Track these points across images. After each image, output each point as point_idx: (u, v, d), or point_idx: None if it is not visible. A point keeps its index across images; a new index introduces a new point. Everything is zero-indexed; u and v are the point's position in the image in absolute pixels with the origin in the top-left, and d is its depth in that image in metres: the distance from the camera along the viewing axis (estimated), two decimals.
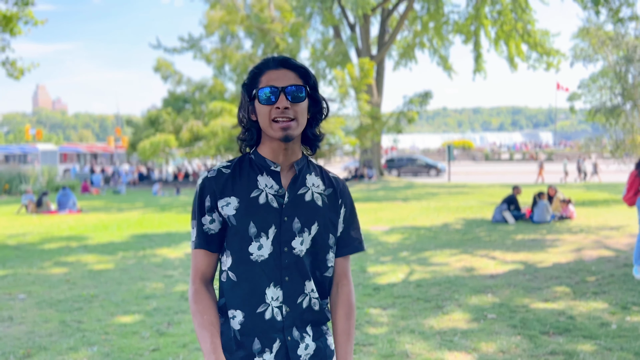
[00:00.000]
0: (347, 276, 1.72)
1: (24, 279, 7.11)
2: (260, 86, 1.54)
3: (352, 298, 1.70)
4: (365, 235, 10.20)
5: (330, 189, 1.67)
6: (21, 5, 11.83)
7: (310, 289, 1.61)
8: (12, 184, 24.89)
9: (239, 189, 1.58)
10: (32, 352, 4.36)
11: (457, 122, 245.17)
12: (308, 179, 1.64)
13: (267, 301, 1.56)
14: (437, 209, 14.58)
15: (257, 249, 1.55)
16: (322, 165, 1.74)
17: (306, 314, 1.61)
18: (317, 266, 1.63)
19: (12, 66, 12.49)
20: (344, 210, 1.69)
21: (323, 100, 1.64)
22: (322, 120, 1.66)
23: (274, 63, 1.57)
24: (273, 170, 1.60)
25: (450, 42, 34.30)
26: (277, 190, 1.58)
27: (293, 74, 1.56)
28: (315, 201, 1.62)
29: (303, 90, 1.55)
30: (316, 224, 1.60)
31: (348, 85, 19.01)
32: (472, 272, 7.00)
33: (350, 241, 1.71)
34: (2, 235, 11.26)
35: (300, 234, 1.58)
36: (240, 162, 1.63)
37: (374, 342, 4.45)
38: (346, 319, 1.67)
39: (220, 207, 1.57)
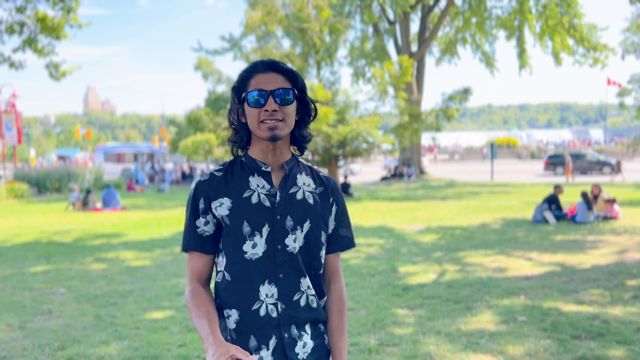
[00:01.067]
0: (338, 273, 1.75)
1: (65, 274, 7.39)
2: (249, 89, 1.58)
3: (343, 295, 1.74)
4: (399, 235, 10.14)
5: (321, 187, 1.70)
6: (65, 12, 12.27)
7: (307, 286, 1.63)
8: (61, 182, 25.84)
9: (232, 190, 1.62)
10: (66, 345, 4.53)
11: (502, 119, 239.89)
12: (299, 178, 1.68)
13: (261, 298, 1.58)
14: (476, 209, 14.32)
15: (252, 248, 1.58)
16: (312, 166, 1.78)
17: (305, 312, 1.63)
18: (311, 263, 1.65)
19: (55, 69, 12.97)
20: (335, 208, 1.72)
21: (311, 102, 1.67)
22: (310, 122, 1.69)
23: (263, 67, 1.60)
24: (264, 170, 1.63)
25: (494, 38, 33.60)
26: (268, 189, 1.62)
27: (281, 77, 1.59)
28: (307, 199, 1.65)
29: (291, 93, 1.58)
30: (308, 222, 1.63)
31: (387, 83, 18.86)
32: (505, 273, 6.85)
33: (340, 238, 1.74)
34: (49, 232, 11.73)
35: (293, 231, 1.61)
36: (231, 165, 1.68)
37: (398, 342, 4.42)
38: (339, 315, 1.70)
39: (214, 208, 1.61)
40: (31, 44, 12.54)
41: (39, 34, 12.44)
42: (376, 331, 4.71)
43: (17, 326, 5.09)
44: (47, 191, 25.35)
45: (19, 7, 12.29)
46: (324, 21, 22.41)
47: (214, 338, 1.46)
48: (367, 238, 9.89)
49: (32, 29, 12.49)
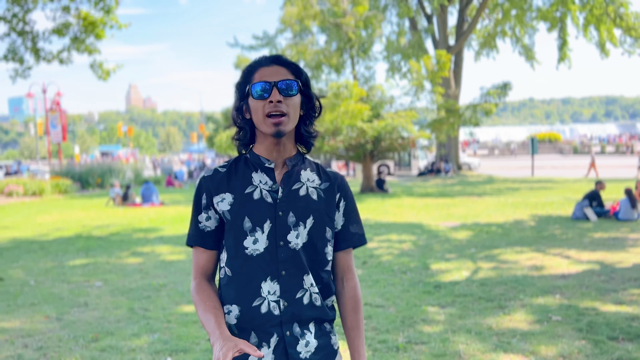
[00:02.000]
0: (351, 270, 1.71)
1: (102, 268, 7.58)
2: (253, 82, 1.58)
3: (358, 292, 1.70)
4: (432, 232, 10.01)
5: (326, 183, 1.67)
6: (105, 12, 12.57)
7: (310, 284, 1.60)
8: (103, 178, 26.57)
9: (234, 185, 1.61)
10: (99, 337, 4.64)
11: (544, 113, 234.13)
12: (302, 174, 1.65)
13: (262, 295, 1.56)
14: (514, 205, 14.01)
15: (252, 243, 1.57)
16: (318, 162, 1.74)
17: (308, 310, 1.59)
18: (315, 260, 1.62)
19: (99, 68, 13.32)
20: (343, 204, 1.69)
21: (316, 98, 1.65)
22: (316, 118, 1.67)
23: (267, 60, 1.60)
24: (267, 167, 1.62)
25: (535, 30, 32.74)
26: (271, 186, 1.60)
27: (285, 70, 1.58)
28: (310, 195, 1.63)
29: (295, 85, 1.57)
30: (311, 218, 1.60)
31: (423, 77, 18.59)
32: (541, 271, 6.67)
33: (350, 235, 1.70)
34: (90, 226, 12.07)
35: (295, 227, 1.58)
36: (236, 161, 1.67)
37: (427, 340, 4.36)
38: (354, 313, 1.67)
39: (216, 203, 1.61)
40: (81, 42, 12.88)
41: (82, 33, 12.77)
42: (405, 329, 4.66)
43: (54, 317, 5.25)
44: (89, 186, 26.11)
45: (64, 7, 12.64)
46: (360, 16, 22.25)
47: (220, 332, 1.44)
48: (399, 234, 9.80)
49: (76, 29, 12.83)
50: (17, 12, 12.47)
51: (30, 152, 77.28)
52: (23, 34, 12.72)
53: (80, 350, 4.34)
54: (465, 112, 19.38)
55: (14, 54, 12.88)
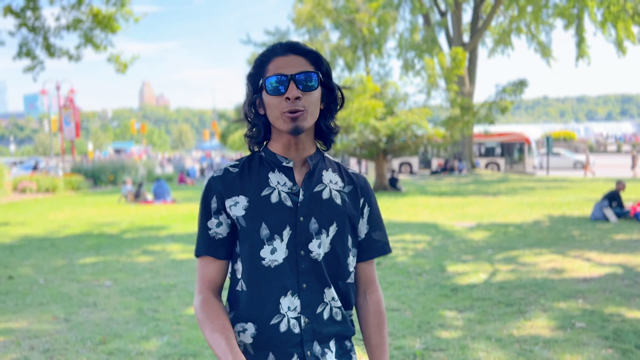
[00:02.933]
0: (374, 282, 1.57)
1: (112, 266, 7.49)
2: (267, 75, 1.39)
3: (382, 306, 1.56)
4: (448, 232, 9.81)
5: (350, 185, 1.52)
6: (119, 6, 12.52)
7: (331, 297, 1.45)
8: (116, 175, 26.63)
9: (249, 187, 1.44)
10: (107, 339, 4.52)
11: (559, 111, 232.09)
12: (325, 175, 1.49)
13: (282, 311, 1.40)
14: (530, 205, 13.75)
15: (270, 253, 1.40)
16: (339, 162, 1.58)
17: (328, 326, 1.45)
18: (336, 272, 1.47)
19: (116, 61, 13.27)
20: (367, 210, 1.54)
21: (338, 89, 1.47)
22: (337, 112, 1.49)
23: (282, 49, 1.41)
24: (285, 166, 1.45)
25: (551, 27, 32.25)
26: (290, 187, 1.44)
27: (303, 60, 1.40)
28: (334, 199, 1.46)
29: (315, 78, 1.38)
30: (335, 225, 1.45)
31: (438, 75, 18.33)
32: (562, 274, 6.45)
33: (374, 243, 1.55)
34: (101, 224, 12.01)
35: (317, 235, 1.42)
36: (249, 160, 1.50)
37: (445, 347, 4.18)
38: (378, 329, 1.54)
39: (228, 207, 1.43)
40: (89, 40, 12.86)
41: (93, 29, 12.74)
42: (422, 334, 4.49)
43: (62, 318, 5.15)
44: (102, 183, 26.18)
45: (74, 4, 12.61)
46: (373, 12, 22.02)
47: (233, 356, 1.29)
48: (414, 235, 9.61)
49: (88, 25, 12.80)
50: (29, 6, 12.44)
51: (44, 149, 77.92)
52: (34, 30, 12.70)
53: (87, 353, 4.23)
54: (480, 109, 19.09)
55: (26, 51, 12.87)
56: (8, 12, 12.49)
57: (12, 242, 9.87)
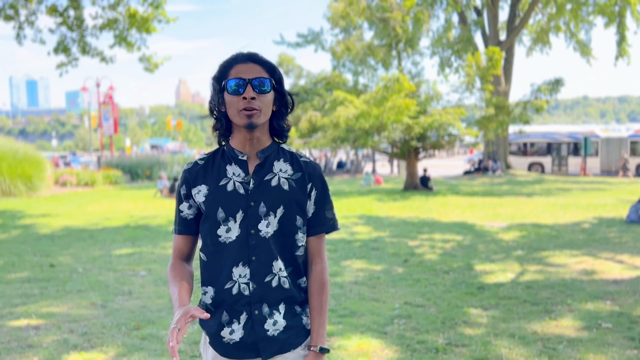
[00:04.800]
0: (320, 254, 1.80)
1: (147, 257, 7.75)
2: (228, 78, 1.67)
3: (324, 275, 1.79)
4: (478, 232, 9.77)
5: (298, 173, 1.76)
6: (154, 7, 12.86)
7: (279, 268, 1.71)
8: (152, 170, 27.26)
9: (210, 178, 1.73)
10: (141, 325, 4.73)
11: (599, 112, 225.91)
12: (275, 165, 1.75)
13: (233, 278, 1.69)
14: (564, 206, 13.53)
15: (226, 232, 1.69)
16: (294, 151, 1.81)
17: (276, 292, 1.71)
18: (286, 246, 1.73)
19: (148, 61, 13.65)
20: (314, 193, 1.78)
21: (288, 94, 1.75)
22: (288, 114, 1.77)
23: (243, 57, 1.69)
24: (240, 159, 1.73)
25: (591, 25, 31.50)
26: (243, 177, 1.72)
27: (260, 68, 1.67)
28: (282, 186, 1.73)
29: (268, 83, 1.67)
30: (282, 207, 1.71)
31: (475, 73, 18.12)
32: (592, 276, 6.39)
33: (323, 220, 1.80)
34: (137, 217, 12.38)
35: (265, 217, 1.70)
36: (214, 154, 1.79)
37: (468, 343, 4.24)
38: (318, 295, 1.77)
39: (194, 194, 1.74)
40: (123, 39, 13.25)
41: (129, 29, 13.12)
42: (445, 330, 4.55)
43: (99, 305, 5.40)
44: (138, 178, 26.83)
45: (112, 4, 13.01)
46: (407, 10, 21.91)
47: (179, 303, 1.61)
48: (443, 234, 9.61)
49: (124, 25, 13.19)
50: (72, 5, 12.88)
51: (84, 144, 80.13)
52: (73, 28, 13.15)
53: (122, 337, 4.44)
54: (515, 109, 18.82)
55: (63, 47, 13.34)
56: (53, 12, 12.98)
57: (53, 232, 10.28)
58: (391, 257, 7.58)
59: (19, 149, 19.01)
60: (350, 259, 7.55)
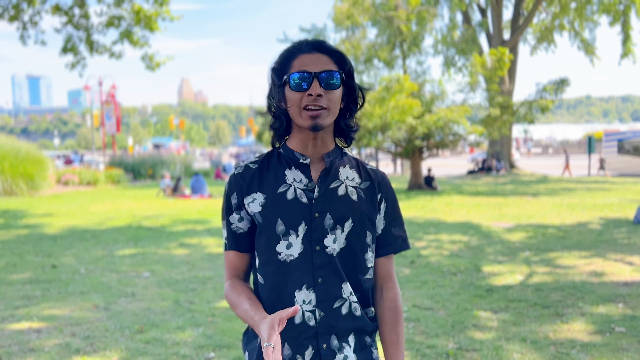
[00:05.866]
0: (391, 278, 1.58)
1: (150, 258, 7.67)
2: (291, 71, 1.42)
3: (398, 303, 1.57)
4: (484, 232, 9.66)
5: (367, 182, 1.54)
6: (159, 5, 12.78)
7: (349, 292, 1.47)
8: (155, 169, 27.19)
9: (266, 184, 1.48)
10: (145, 329, 4.65)
11: (602, 111, 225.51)
12: (341, 171, 1.52)
13: (296, 304, 1.45)
14: (570, 206, 13.41)
15: (286, 248, 1.45)
16: (359, 158, 1.60)
17: (347, 321, 1.47)
18: (354, 267, 1.49)
19: (150, 60, 13.57)
20: (384, 205, 1.56)
21: (359, 89, 1.50)
22: (357, 111, 1.52)
23: (307, 47, 1.44)
24: (302, 163, 1.49)
25: (595, 24, 31.34)
26: (306, 184, 1.47)
27: (328, 59, 1.43)
28: (350, 195, 1.49)
29: (338, 77, 1.42)
30: (350, 220, 1.47)
31: (481, 72, 17.98)
32: (602, 277, 6.29)
33: (393, 239, 1.57)
34: (140, 217, 12.30)
35: (332, 231, 1.45)
36: (268, 157, 1.54)
37: (479, 347, 4.14)
38: (393, 326, 1.54)
39: (247, 204, 1.48)
40: (127, 36, 13.18)
41: (134, 26, 13.05)
42: (455, 334, 4.45)
43: (102, 307, 5.31)
44: (141, 177, 26.77)
45: (117, 1, 12.94)
46: (412, 9, 21.81)
47: (258, 315, 1.35)
48: (449, 234, 9.51)
49: (129, 22, 13.12)
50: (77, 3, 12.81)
51: (86, 143, 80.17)
52: (79, 27, 13.09)
53: (125, 341, 4.35)
54: (519, 108, 18.71)
55: (71, 47, 13.28)
56: (57, 11, 12.91)
57: (55, 232, 10.21)
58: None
59: (21, 147, 18.95)
60: None
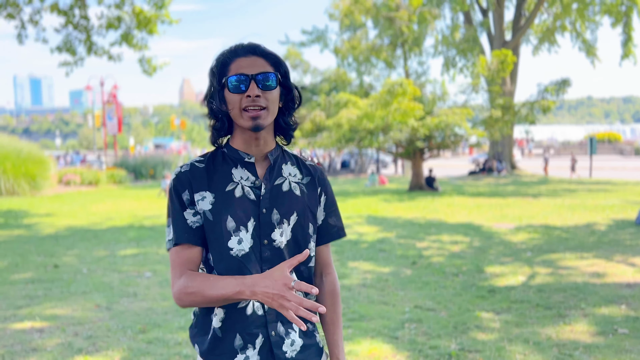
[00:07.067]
0: (329, 264, 1.69)
1: (152, 258, 7.67)
2: (229, 74, 1.48)
3: (336, 286, 1.69)
4: (486, 233, 9.66)
5: (308, 177, 1.63)
6: (157, 8, 12.77)
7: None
8: (156, 169, 27.21)
9: (214, 183, 1.52)
10: (147, 329, 4.65)
11: (603, 112, 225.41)
12: (284, 168, 1.60)
13: None
14: (572, 207, 13.40)
15: (237, 244, 1.49)
16: (297, 155, 1.67)
17: None
18: None
19: (147, 63, 13.56)
20: (324, 198, 1.65)
21: (295, 88, 1.57)
22: (295, 110, 1.59)
23: (244, 50, 1.51)
24: (247, 161, 1.55)
25: (597, 25, 31.32)
26: (253, 182, 1.53)
27: (263, 61, 1.50)
28: (293, 191, 1.58)
29: (274, 78, 1.49)
30: (295, 214, 1.56)
31: (483, 73, 17.97)
32: (604, 279, 6.28)
33: (330, 228, 1.67)
34: (141, 217, 12.31)
35: (279, 225, 1.53)
36: (213, 156, 1.58)
37: (481, 349, 4.14)
38: (332, 307, 1.66)
39: (197, 201, 1.50)
40: (127, 38, 13.18)
41: (134, 28, 13.04)
42: (457, 335, 4.45)
43: (104, 307, 5.31)
44: (143, 177, 26.78)
45: (118, 4, 12.94)
46: (414, 10, 21.78)
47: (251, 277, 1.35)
48: (451, 235, 9.51)
49: (128, 24, 13.11)
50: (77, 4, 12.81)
51: (88, 143, 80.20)
52: (78, 27, 13.09)
53: (127, 341, 4.35)
54: (521, 109, 18.69)
55: (68, 46, 13.26)
56: (55, 10, 12.91)
57: (57, 232, 10.22)
58: (399, 259, 7.48)
59: (22, 148, 18.96)
60: (358, 260, 7.45)
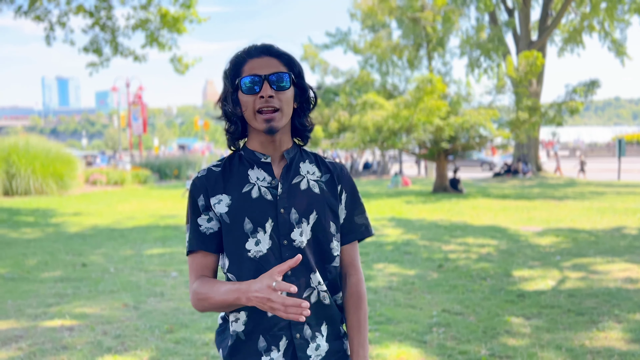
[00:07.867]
0: (354, 265, 1.63)
1: (178, 258, 7.72)
2: (242, 75, 1.48)
3: (361, 288, 1.62)
4: (513, 236, 9.51)
5: (327, 174, 1.60)
6: (185, 7, 12.90)
7: (317, 282, 1.53)
8: (180, 169, 27.48)
9: (230, 185, 1.52)
10: (174, 328, 4.67)
11: (632, 113, 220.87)
12: (302, 167, 1.57)
13: None
14: (600, 210, 13.12)
15: (255, 245, 1.49)
16: (317, 153, 1.64)
17: (317, 310, 1.53)
18: (321, 257, 1.55)
19: (179, 62, 13.71)
20: (345, 196, 1.61)
21: (310, 88, 1.56)
22: (311, 111, 1.58)
23: (256, 51, 1.50)
24: (263, 162, 1.54)
25: (627, 24, 30.66)
26: (269, 182, 1.52)
27: (277, 62, 1.49)
28: (312, 189, 1.55)
29: (287, 78, 1.48)
30: (315, 213, 1.53)
31: (510, 75, 17.71)
32: (638, 284, 6.12)
33: (355, 227, 1.62)
34: (166, 216, 12.42)
35: (298, 224, 1.51)
36: (230, 159, 1.58)
37: (512, 354, 4.05)
38: (356, 310, 1.60)
39: (213, 205, 1.51)
40: (155, 39, 13.33)
41: (160, 29, 13.19)
42: (487, 340, 4.37)
43: (132, 306, 5.36)
44: (167, 177, 27.07)
45: (144, 5, 13.10)
46: (438, 10, 21.59)
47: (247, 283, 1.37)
48: (477, 238, 9.38)
49: (155, 25, 13.26)
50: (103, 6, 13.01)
51: (113, 143, 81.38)
52: (105, 28, 13.27)
53: (155, 341, 4.37)
54: (548, 110, 18.37)
55: (95, 47, 13.47)
56: (81, 11, 13.11)
57: (84, 231, 10.36)
58: (425, 262, 7.40)
59: (51, 148, 19.31)
60: (383, 262, 7.40)
